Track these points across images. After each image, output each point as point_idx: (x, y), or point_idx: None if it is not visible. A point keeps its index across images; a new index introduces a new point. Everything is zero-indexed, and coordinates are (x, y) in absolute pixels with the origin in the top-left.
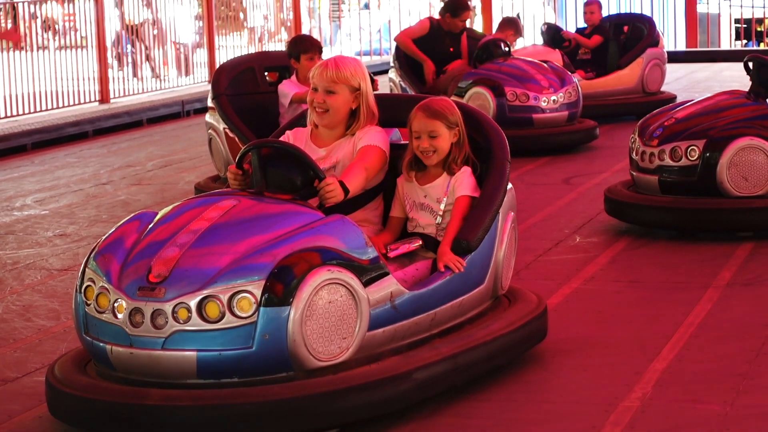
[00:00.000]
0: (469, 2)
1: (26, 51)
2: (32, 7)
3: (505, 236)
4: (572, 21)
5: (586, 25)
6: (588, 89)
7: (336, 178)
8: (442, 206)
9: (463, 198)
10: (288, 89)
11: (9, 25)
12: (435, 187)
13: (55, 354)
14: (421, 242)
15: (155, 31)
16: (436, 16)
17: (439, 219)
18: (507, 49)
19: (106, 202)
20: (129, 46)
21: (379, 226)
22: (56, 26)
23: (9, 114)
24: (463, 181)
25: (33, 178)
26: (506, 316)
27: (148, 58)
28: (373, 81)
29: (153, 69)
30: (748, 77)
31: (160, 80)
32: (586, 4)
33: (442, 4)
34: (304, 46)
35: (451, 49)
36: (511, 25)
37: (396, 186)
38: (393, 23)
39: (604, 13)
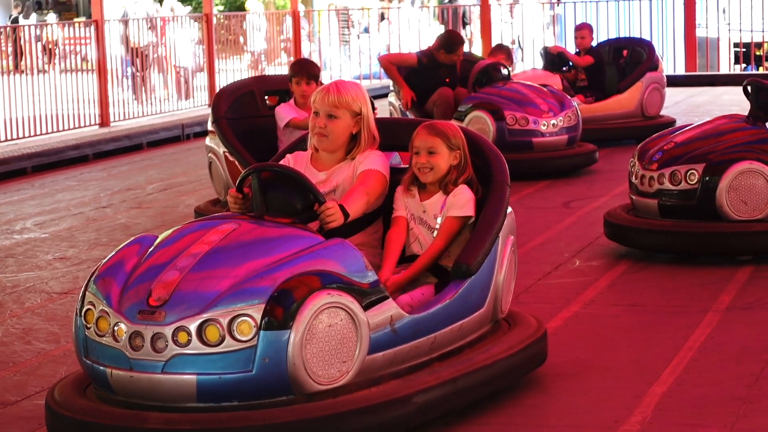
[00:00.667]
0: (462, 35)
1: (26, 74)
2: (33, 30)
3: (505, 260)
4: (572, 46)
5: (578, 50)
6: (587, 113)
7: (336, 202)
8: (438, 220)
9: (451, 219)
10: (284, 113)
11: (10, 49)
12: (432, 204)
13: (54, 377)
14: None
15: (155, 54)
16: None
17: (435, 233)
18: (506, 72)
19: (106, 225)
20: (130, 69)
21: (379, 249)
22: (56, 49)
23: (9, 137)
24: (456, 201)
25: (33, 202)
26: (506, 340)
27: (143, 80)
28: (373, 108)
29: (150, 91)
30: (748, 101)
31: (160, 103)
32: (576, 29)
33: (436, 38)
34: (294, 70)
35: (447, 80)
36: (503, 51)
37: (396, 192)
38: (393, 47)
39: (604, 37)
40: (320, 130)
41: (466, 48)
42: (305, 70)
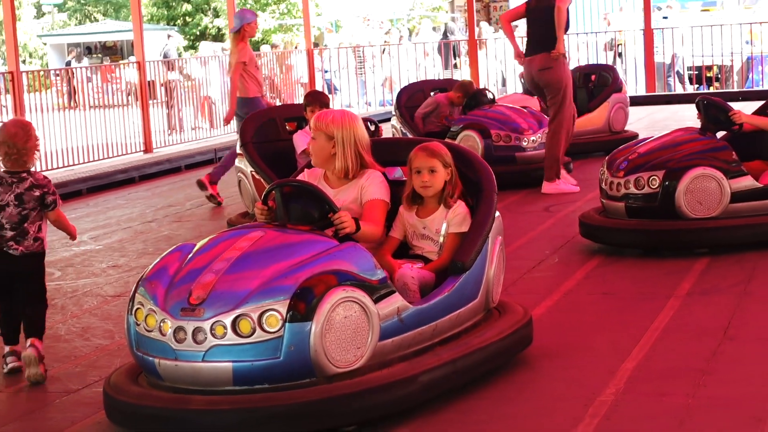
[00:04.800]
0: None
1: (80, 109)
2: (86, 71)
3: (495, 257)
4: None
5: None
6: None
7: (348, 212)
8: (442, 233)
9: (454, 236)
10: (300, 142)
11: (65, 87)
12: (433, 220)
13: (110, 368)
14: (422, 264)
15: (185, 88)
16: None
17: (440, 247)
18: (491, 97)
19: (152, 237)
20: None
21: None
22: (108, 86)
23: (66, 164)
24: (456, 219)
25: (88, 219)
26: (497, 326)
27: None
28: (377, 128)
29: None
30: (700, 116)
31: (195, 131)
32: None
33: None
34: (307, 100)
35: None
36: (460, 88)
37: (398, 212)
38: (394, 77)
39: (574, 65)
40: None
41: (457, 75)
42: (318, 99)
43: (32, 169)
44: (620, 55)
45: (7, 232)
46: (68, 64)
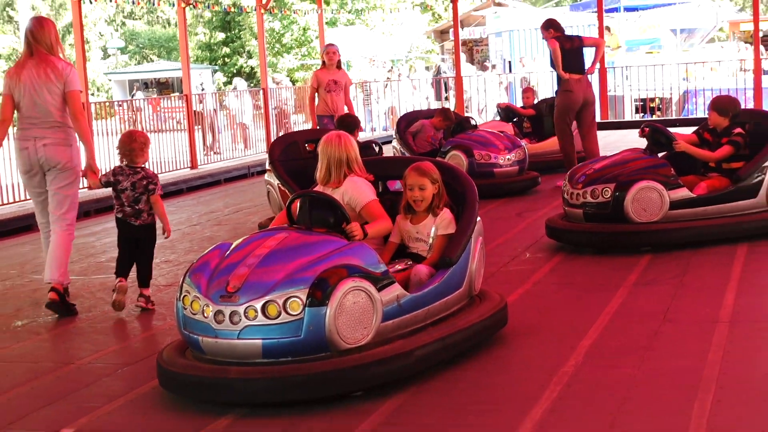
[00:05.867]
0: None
1: None
2: (140, 102)
3: (476, 254)
4: (520, 103)
5: (524, 105)
6: (532, 151)
7: (358, 223)
8: (431, 235)
9: (441, 237)
10: None
11: (128, 116)
12: (425, 226)
13: (163, 344)
14: (411, 261)
15: (225, 118)
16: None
17: (430, 247)
18: (474, 123)
19: (197, 237)
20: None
21: (382, 244)
22: (157, 115)
23: None
24: (443, 223)
25: None
26: (478, 310)
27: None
28: (380, 149)
29: (212, 146)
30: (645, 139)
31: (232, 152)
32: (523, 91)
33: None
34: (343, 124)
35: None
36: (441, 114)
37: (396, 220)
38: (395, 106)
39: (543, 96)
40: None
41: (446, 106)
42: (354, 123)
43: (145, 165)
44: None
45: (126, 208)
46: (133, 96)
